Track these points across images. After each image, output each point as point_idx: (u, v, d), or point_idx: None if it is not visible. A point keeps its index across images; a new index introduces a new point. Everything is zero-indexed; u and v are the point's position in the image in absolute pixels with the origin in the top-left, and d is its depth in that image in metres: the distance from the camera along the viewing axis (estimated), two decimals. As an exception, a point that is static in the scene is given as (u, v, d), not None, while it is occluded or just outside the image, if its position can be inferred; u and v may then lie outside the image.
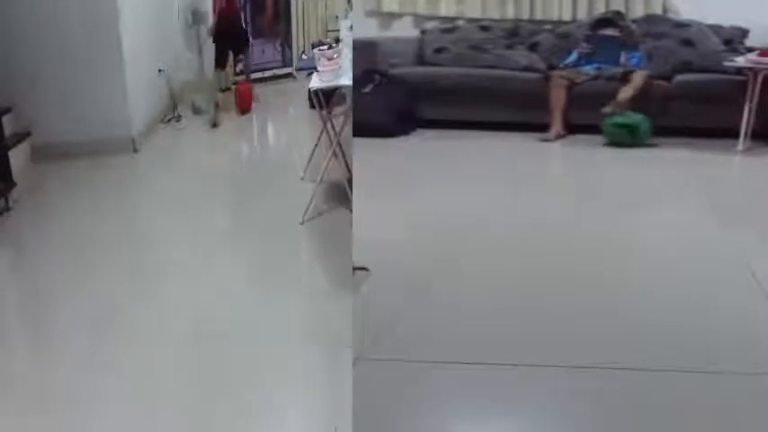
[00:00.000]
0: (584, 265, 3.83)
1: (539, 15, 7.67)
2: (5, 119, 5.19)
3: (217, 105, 7.70)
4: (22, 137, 5.72)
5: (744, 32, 7.02)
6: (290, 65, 9.78)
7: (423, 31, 7.69)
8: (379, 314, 3.19)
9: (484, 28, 7.48)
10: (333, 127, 5.16)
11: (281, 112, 8.07)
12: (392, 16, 7.91)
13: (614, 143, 6.32)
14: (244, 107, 8.10)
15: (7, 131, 5.20)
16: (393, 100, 6.80)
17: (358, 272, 3.56)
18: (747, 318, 3.25)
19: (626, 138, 6.26)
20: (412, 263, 3.79)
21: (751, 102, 6.04)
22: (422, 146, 6.58)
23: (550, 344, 2.98)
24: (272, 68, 9.65)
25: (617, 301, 3.39)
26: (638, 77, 6.54)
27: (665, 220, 4.72)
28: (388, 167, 5.77)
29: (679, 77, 6.59)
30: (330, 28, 9.19)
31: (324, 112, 5.10)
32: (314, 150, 5.53)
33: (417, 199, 5.06)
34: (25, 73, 5.75)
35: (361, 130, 6.84)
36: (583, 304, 3.35)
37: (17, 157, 5.35)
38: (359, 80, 6.96)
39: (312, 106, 6.14)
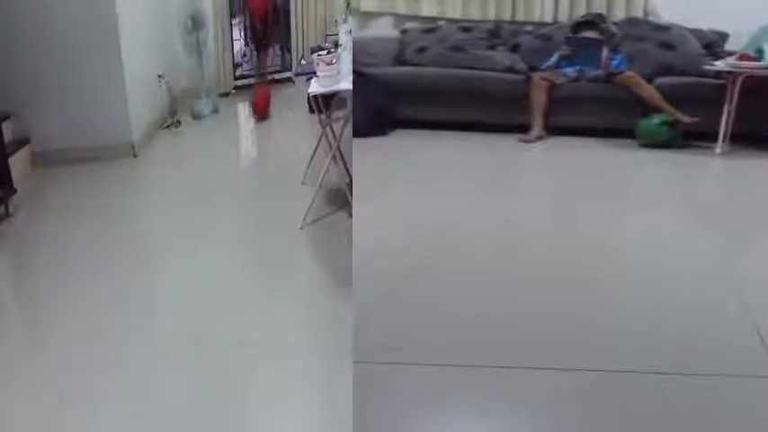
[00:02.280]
0: (572, 267, 3.82)
1: (520, 17, 7.68)
2: (5, 125, 5.14)
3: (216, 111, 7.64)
4: (21, 143, 5.69)
5: (723, 36, 7.08)
6: (290, 69, 9.66)
7: (403, 31, 7.67)
8: (376, 317, 3.17)
9: (465, 29, 7.46)
10: (332, 132, 5.12)
11: (281, 117, 7.99)
12: (371, 16, 7.89)
13: (649, 144, 6.36)
14: (261, 112, 7.78)
15: (7, 138, 5.15)
16: (371, 100, 6.70)
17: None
18: (726, 321, 3.24)
19: (666, 135, 6.31)
20: (398, 265, 3.75)
21: (730, 105, 6.07)
22: (399, 146, 6.54)
23: (544, 346, 2.96)
24: (271, 73, 9.55)
25: (601, 304, 3.38)
26: (637, 78, 6.58)
27: (643, 222, 4.72)
28: (365, 168, 5.64)
29: (659, 80, 6.61)
30: (329, 32, 9.11)
31: (323, 117, 5.05)
32: (313, 155, 5.49)
33: (395, 200, 5.00)
34: (25, 80, 5.71)
35: None
36: (574, 306, 3.34)
37: (17, 164, 5.33)
38: None
39: (311, 111, 6.09)
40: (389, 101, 6.88)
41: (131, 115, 6.09)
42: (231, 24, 9.05)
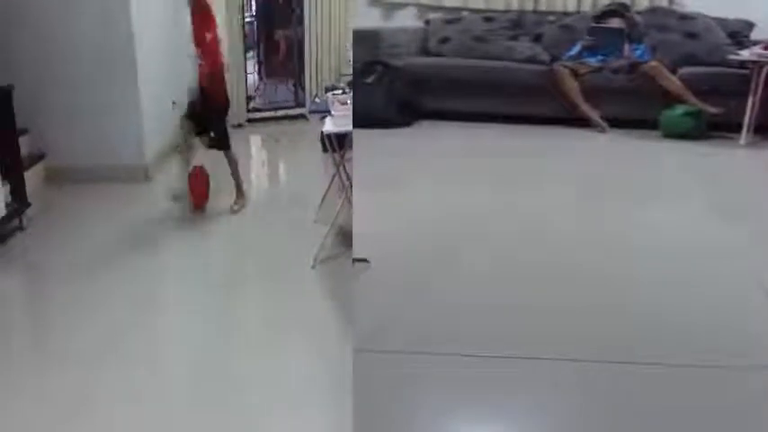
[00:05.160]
0: (584, 259, 3.82)
1: (543, 7, 7.63)
2: (22, 140, 5.21)
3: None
4: (37, 159, 5.74)
5: (749, 25, 6.97)
6: (303, 105, 9.52)
7: (426, 22, 7.65)
8: (378, 306, 3.18)
9: (488, 19, 7.42)
10: (345, 171, 5.07)
11: (293, 154, 7.95)
12: (395, 6, 7.87)
13: (673, 135, 6.32)
14: (198, 201, 5.63)
15: (23, 153, 5.22)
16: (395, 90, 6.76)
17: (358, 263, 3.55)
18: (748, 312, 3.25)
19: (690, 126, 6.28)
20: (410, 256, 3.78)
21: (754, 95, 6.00)
22: (422, 137, 6.54)
23: (549, 337, 2.97)
24: (284, 108, 9.46)
25: (617, 296, 3.39)
26: (660, 68, 6.52)
27: (666, 214, 4.71)
28: (388, 159, 5.73)
29: (683, 70, 6.54)
30: (343, 72, 9.06)
31: (336, 156, 5.01)
32: (326, 193, 5.44)
33: (416, 191, 5.07)
34: (44, 98, 5.75)
35: (362, 120, 6.77)
36: (581, 298, 3.35)
37: (32, 178, 5.37)
38: (361, 70, 6.94)
39: (325, 149, 5.93)
40: (413, 91, 6.87)
41: (145, 139, 6.09)
42: (245, 58, 9.02)
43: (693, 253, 3.96)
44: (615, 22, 6.93)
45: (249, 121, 8.82)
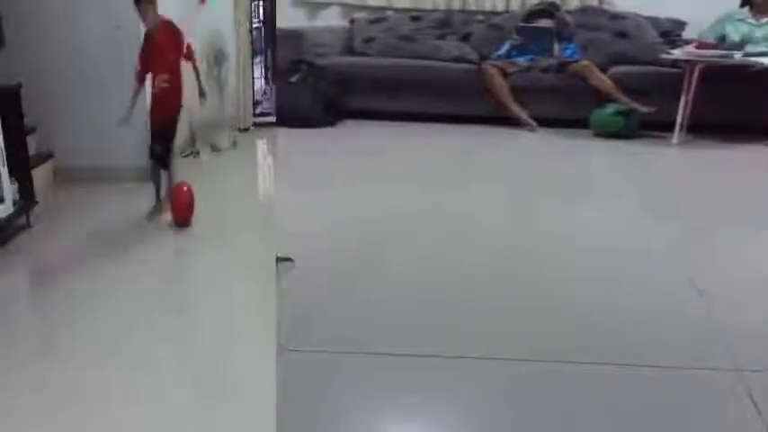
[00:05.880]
0: (514, 258, 3.77)
1: (471, 6, 7.53)
2: (29, 139, 5.24)
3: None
4: (44, 157, 5.75)
5: (681, 24, 6.95)
6: None
7: (351, 21, 7.54)
8: (303, 306, 3.13)
9: (415, 18, 7.32)
10: None
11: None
12: (319, 6, 7.76)
13: (603, 134, 6.29)
14: (182, 216, 5.16)
15: (31, 151, 5.25)
16: (319, 90, 6.70)
17: (282, 263, 3.52)
18: (679, 311, 3.18)
19: (621, 125, 6.25)
20: (336, 255, 3.74)
21: (687, 94, 5.94)
22: (347, 136, 6.47)
23: (477, 337, 2.91)
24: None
25: (547, 295, 3.33)
26: (590, 67, 6.48)
27: (597, 213, 4.64)
28: (313, 158, 5.70)
29: (614, 69, 6.47)
30: None
31: None
32: None
33: (341, 191, 4.98)
34: (53, 99, 5.77)
35: (285, 120, 6.81)
36: (511, 297, 3.27)
37: (39, 177, 5.39)
38: (286, 70, 6.98)
39: None
40: (338, 91, 6.79)
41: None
42: (253, 63, 8.96)
43: (625, 252, 3.91)
44: (544, 22, 6.86)
45: (255, 125, 8.76)
